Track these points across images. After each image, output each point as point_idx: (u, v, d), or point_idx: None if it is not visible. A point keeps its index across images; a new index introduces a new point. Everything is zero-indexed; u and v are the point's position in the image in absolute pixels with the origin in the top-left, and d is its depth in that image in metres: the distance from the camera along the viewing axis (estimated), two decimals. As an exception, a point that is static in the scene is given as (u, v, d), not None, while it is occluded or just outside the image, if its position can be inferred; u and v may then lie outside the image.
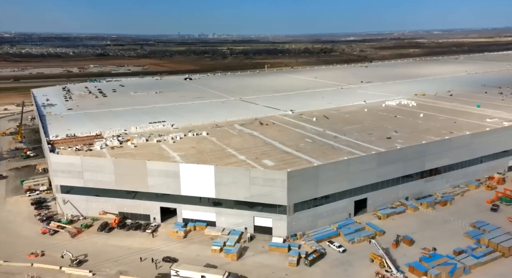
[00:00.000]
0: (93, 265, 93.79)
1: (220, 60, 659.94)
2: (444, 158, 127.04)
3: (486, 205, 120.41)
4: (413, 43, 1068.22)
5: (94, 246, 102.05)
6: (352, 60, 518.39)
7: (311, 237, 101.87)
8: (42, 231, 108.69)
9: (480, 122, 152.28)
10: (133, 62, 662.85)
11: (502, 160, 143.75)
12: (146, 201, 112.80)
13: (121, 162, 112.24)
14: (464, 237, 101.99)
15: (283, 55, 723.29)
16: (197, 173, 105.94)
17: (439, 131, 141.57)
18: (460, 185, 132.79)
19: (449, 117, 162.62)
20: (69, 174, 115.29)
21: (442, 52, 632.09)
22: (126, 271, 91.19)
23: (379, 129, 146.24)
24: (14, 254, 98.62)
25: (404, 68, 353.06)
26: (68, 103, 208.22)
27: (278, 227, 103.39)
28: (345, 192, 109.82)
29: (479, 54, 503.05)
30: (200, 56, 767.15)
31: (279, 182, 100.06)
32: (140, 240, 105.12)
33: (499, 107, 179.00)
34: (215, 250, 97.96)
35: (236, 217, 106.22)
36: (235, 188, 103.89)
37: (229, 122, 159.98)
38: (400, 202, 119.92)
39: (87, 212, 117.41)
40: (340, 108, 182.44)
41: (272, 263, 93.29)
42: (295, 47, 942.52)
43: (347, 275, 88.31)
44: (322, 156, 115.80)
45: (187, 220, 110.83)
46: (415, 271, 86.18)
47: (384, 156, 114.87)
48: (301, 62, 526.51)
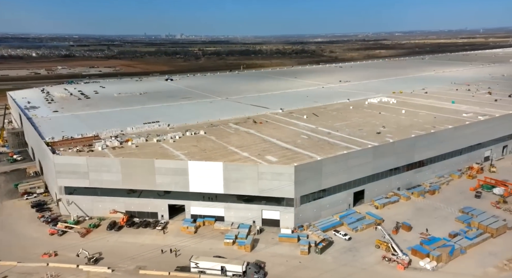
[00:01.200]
0: (109, 263, 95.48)
1: (194, 61, 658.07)
2: (431, 150, 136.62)
3: (470, 192, 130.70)
4: (378, 44, 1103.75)
5: (106, 245, 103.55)
6: (324, 61, 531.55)
7: (317, 227, 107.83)
8: (50, 232, 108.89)
9: (458, 117, 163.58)
10: (103, 63, 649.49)
11: (479, 151, 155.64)
12: (153, 199, 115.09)
13: (128, 161, 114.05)
14: (455, 222, 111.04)
15: (256, 56, 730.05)
16: (206, 170, 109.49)
17: (422, 125, 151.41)
18: (444, 175, 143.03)
19: (429, 112, 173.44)
20: (74, 175, 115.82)
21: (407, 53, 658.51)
22: (144, 266, 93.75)
23: (367, 125, 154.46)
24: (26, 255, 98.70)
25: (376, 68, 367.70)
26: (52, 105, 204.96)
27: (285, 219, 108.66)
28: (345, 184, 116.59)
29: (442, 55, 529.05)
30: (172, 57, 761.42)
31: (287, 176, 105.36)
32: (152, 237, 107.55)
33: (471, 103, 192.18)
34: (228, 243, 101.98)
35: (245, 211, 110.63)
36: (244, 183, 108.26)
37: (223, 121, 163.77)
38: (393, 192, 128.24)
39: (92, 213, 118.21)
40: (327, 106, 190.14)
41: (284, 252, 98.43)
42: (267, 48, 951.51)
43: (356, 260, 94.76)
44: (321, 151, 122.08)
45: (195, 216, 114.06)
46: (417, 254, 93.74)
47: (379, 149, 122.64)
48: (276, 63, 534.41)
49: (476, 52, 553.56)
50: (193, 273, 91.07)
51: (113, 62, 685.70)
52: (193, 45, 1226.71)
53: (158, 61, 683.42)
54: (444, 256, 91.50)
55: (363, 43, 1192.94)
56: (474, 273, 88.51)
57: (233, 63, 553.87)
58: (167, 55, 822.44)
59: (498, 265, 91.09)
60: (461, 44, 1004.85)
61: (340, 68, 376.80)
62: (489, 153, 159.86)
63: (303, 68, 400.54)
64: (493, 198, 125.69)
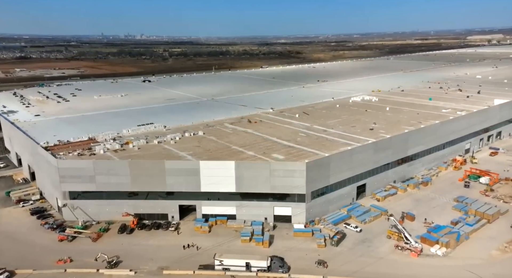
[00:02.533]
0: (129, 265, 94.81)
1: (161, 62, 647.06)
2: (421, 144, 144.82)
3: (459, 183, 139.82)
4: (341, 45, 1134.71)
5: (121, 248, 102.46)
6: (293, 62, 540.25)
7: (328, 221, 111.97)
8: (60, 238, 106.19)
9: (438, 113, 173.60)
10: (64, 65, 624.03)
11: (460, 144, 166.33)
12: (163, 200, 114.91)
13: (138, 163, 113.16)
14: (452, 210, 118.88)
15: (224, 57, 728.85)
16: (218, 169, 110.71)
17: (408, 121, 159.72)
18: (432, 167, 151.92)
19: (411, 109, 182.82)
20: (79, 179, 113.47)
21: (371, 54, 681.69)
22: (167, 267, 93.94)
23: (358, 122, 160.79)
24: (39, 263, 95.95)
25: (349, 68, 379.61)
26: (31, 109, 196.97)
27: (297, 215, 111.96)
28: (349, 179, 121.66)
29: (404, 55, 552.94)
30: (138, 58, 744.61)
31: (299, 172, 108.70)
32: (167, 238, 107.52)
33: (446, 100, 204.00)
34: (245, 240, 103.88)
35: (257, 209, 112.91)
36: (256, 181, 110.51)
37: (218, 121, 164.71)
38: (391, 185, 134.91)
39: (98, 217, 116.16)
40: (314, 105, 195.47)
41: (301, 246, 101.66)
42: (234, 49, 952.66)
43: (371, 250, 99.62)
44: (323, 147, 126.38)
45: (207, 215, 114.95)
46: (427, 241, 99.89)
47: (379, 144, 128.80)
48: (247, 64, 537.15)
49: (435, 53, 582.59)
50: (217, 270, 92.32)
51: (75, 63, 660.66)
52: (156, 45, 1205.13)
53: (123, 62, 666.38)
54: (452, 242, 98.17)
55: (326, 44, 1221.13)
56: (481, 256, 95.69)
57: (203, 64, 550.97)
58: (132, 56, 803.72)
59: (500, 248, 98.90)
60: (416, 45, 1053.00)
61: (313, 69, 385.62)
62: (468, 146, 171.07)
63: (278, 68, 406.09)
64: (481, 187, 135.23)
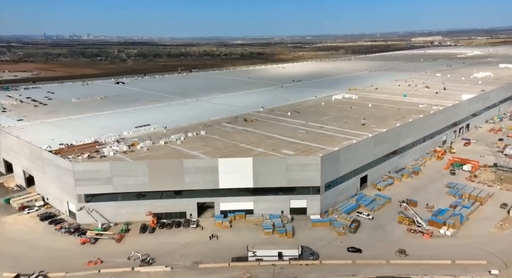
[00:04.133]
0: (163, 262, 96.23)
1: (120, 63, 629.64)
2: (410, 137, 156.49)
3: (445, 171, 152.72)
4: (298, 46, 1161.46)
5: (148, 246, 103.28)
6: (256, 63, 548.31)
7: (341, 211, 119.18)
8: (82, 241, 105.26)
9: (416, 108, 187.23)
10: (13, 67, 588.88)
11: (439, 136, 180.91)
12: (181, 199, 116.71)
13: (156, 163, 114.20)
14: (447, 195, 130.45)
15: (185, 58, 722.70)
16: (236, 166, 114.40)
17: (394, 116, 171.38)
18: (418, 158, 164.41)
19: (391, 105, 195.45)
20: (96, 182, 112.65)
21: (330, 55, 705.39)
22: (200, 261, 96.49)
23: (348, 118, 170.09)
24: (67, 266, 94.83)
25: (317, 68, 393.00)
26: (10, 114, 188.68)
27: (312, 206, 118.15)
28: (354, 170, 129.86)
29: (362, 55, 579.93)
30: (93, 59, 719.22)
31: (314, 166, 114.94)
32: (190, 234, 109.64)
33: (418, 96, 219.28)
34: (268, 233, 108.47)
35: (273, 203, 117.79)
36: (273, 176, 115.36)
37: (214, 121, 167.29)
38: (387, 175, 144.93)
39: (115, 219, 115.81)
40: (301, 103, 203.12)
41: (322, 235, 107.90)
42: (193, 50, 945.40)
43: (387, 235, 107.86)
44: (326, 142, 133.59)
45: (225, 211, 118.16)
46: (435, 224, 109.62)
47: (377, 138, 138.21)
48: (210, 64, 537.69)
49: (390, 54, 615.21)
50: (251, 261, 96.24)
51: (25, 65, 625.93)
52: (108, 46, 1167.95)
53: (78, 64, 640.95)
54: (457, 223, 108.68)
55: (283, 45, 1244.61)
56: (483, 234, 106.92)
57: (167, 65, 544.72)
58: (86, 57, 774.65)
59: (496, 225, 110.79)
60: (368, 46, 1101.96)
61: (283, 69, 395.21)
62: (445, 137, 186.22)
63: (248, 69, 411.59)
64: (465, 174, 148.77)
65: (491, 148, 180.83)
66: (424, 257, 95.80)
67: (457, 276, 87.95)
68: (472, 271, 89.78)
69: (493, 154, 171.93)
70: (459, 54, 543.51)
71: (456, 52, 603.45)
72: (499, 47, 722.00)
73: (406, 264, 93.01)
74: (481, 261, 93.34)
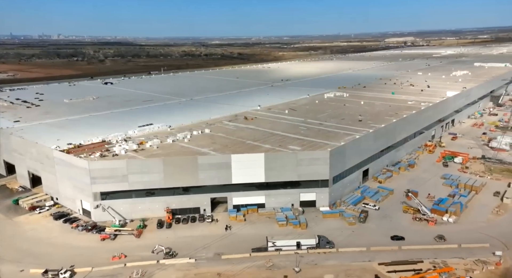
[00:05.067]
0: (186, 254, 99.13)
1: (98, 63, 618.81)
2: (405, 132, 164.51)
3: (438, 163, 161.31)
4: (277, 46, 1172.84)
5: (168, 241, 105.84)
6: (238, 63, 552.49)
7: (348, 203, 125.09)
8: (102, 237, 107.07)
9: (406, 105, 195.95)
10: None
11: (429, 131, 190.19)
12: (195, 194, 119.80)
13: (171, 160, 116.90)
14: (444, 186, 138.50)
15: (165, 58, 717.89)
16: (248, 161, 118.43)
17: (386, 112, 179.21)
18: (412, 152, 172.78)
19: (382, 102, 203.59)
20: (112, 179, 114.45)
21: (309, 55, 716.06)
22: (222, 253, 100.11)
23: (344, 115, 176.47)
24: (91, 261, 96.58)
25: (303, 67, 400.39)
26: (5, 115, 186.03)
27: (321, 199, 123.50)
28: (358, 164, 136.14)
29: (342, 55, 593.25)
30: (69, 59, 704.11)
31: (323, 160, 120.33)
32: (208, 228, 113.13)
33: (405, 93, 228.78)
34: (282, 225, 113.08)
35: (284, 196, 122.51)
36: (283, 170, 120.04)
37: (215, 120, 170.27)
38: (385, 168, 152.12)
39: (130, 215, 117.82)
40: (295, 102, 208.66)
41: (334, 226, 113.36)
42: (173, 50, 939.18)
43: (394, 224, 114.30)
44: (329, 138, 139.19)
45: (237, 206, 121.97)
46: (437, 212, 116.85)
47: (377, 133, 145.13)
48: (192, 65, 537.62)
49: (369, 54, 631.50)
50: (270, 251, 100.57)
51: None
52: (81, 46, 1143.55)
53: (54, 65, 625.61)
54: (457, 211, 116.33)
55: (262, 46, 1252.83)
56: (482, 220, 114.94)
57: (148, 66, 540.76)
58: (61, 57, 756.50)
59: (493, 212, 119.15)
60: (346, 46, 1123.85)
61: (269, 68, 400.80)
62: (433, 132, 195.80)
63: (234, 69, 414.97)
64: (456, 166, 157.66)
65: (477, 141, 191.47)
66: (433, 243, 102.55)
67: (465, 258, 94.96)
68: (478, 254, 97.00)
69: (480, 147, 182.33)
70: (435, 54, 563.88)
71: (431, 52, 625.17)
72: (469, 47, 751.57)
73: (418, 249, 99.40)
74: (484, 244, 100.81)
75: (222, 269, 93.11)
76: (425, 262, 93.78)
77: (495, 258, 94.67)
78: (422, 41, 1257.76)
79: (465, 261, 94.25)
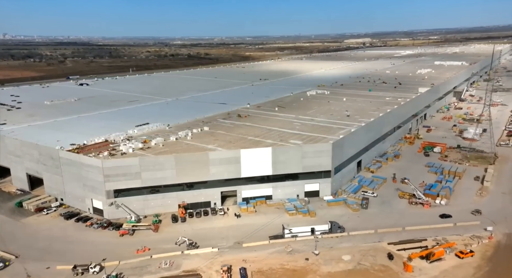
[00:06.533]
0: (208, 245, 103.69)
1: (59, 64, 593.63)
2: (389, 125, 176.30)
3: (419, 153, 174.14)
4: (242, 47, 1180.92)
5: (186, 233, 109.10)
6: (208, 63, 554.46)
7: (348, 192, 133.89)
8: (121, 233, 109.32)
9: (384, 100, 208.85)
10: None
11: (407, 125, 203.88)
12: (206, 189, 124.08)
13: (183, 156, 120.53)
14: (429, 173, 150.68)
15: (130, 58, 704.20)
16: (256, 155, 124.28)
17: (369, 108, 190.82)
18: (395, 144, 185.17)
19: (363, 99, 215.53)
20: (124, 177, 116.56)
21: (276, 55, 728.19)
22: (242, 241, 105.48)
23: (332, 111, 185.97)
24: (116, 256, 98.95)
25: (275, 67, 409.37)
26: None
27: (323, 189, 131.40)
28: (353, 156, 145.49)
29: (309, 55, 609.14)
30: (26, 61, 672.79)
31: (326, 152, 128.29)
32: (222, 220, 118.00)
33: (381, 90, 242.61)
34: (292, 214, 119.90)
35: (290, 188, 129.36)
36: (289, 163, 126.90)
37: (210, 118, 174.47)
38: (375, 159, 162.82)
39: (143, 212, 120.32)
40: (281, 99, 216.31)
41: (340, 213, 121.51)
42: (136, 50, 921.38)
43: (393, 208, 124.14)
44: (325, 132, 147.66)
45: (246, 198, 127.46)
46: (429, 196, 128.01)
47: (368, 126, 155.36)
48: (161, 65, 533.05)
49: (336, 54, 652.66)
50: (287, 238, 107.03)
51: None
52: (34, 46, 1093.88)
53: (10, 66, 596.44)
54: (447, 195, 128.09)
55: (226, 46, 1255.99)
56: (469, 201, 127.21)
57: (114, 66, 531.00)
58: (15, 58, 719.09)
59: (477, 194, 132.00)
60: (309, 46, 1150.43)
61: (243, 68, 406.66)
62: (410, 125, 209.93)
63: (208, 69, 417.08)
64: (436, 155, 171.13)
65: (449, 133, 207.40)
66: (431, 223, 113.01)
67: (462, 235, 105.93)
68: (472, 230, 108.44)
69: (453, 137, 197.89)
70: (395, 54, 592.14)
71: (391, 52, 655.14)
72: (425, 47, 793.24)
73: (420, 229, 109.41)
74: (476, 222, 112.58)
75: (246, 256, 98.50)
76: (429, 240, 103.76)
77: (487, 233, 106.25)
78: (379, 42, 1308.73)
79: (463, 237, 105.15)
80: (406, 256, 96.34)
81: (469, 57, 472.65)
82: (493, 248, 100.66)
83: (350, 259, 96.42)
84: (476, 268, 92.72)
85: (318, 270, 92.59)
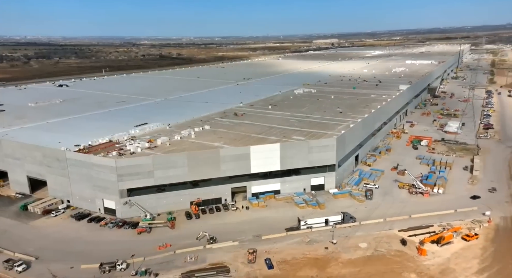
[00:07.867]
0: (226, 239, 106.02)
1: (24, 66, 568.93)
2: (380, 121, 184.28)
3: (408, 147, 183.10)
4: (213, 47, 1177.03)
5: (203, 229, 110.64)
6: (181, 63, 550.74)
7: (351, 184, 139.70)
8: (139, 231, 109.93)
9: (370, 98, 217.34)
10: None
11: (393, 120, 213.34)
12: (217, 185, 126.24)
13: (195, 154, 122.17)
14: (422, 165, 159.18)
15: (98, 59, 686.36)
16: (265, 152, 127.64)
17: (359, 104, 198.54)
18: (384, 139, 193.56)
19: (350, 96, 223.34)
20: (137, 176, 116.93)
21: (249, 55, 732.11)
22: (260, 234, 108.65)
23: (324, 108, 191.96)
24: (138, 253, 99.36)
25: (255, 66, 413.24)
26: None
27: (328, 182, 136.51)
28: (352, 150, 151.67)
29: (285, 55, 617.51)
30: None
31: (330, 147, 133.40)
32: (235, 215, 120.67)
33: (364, 88, 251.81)
34: (302, 207, 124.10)
35: (297, 182, 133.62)
36: (297, 158, 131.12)
37: (207, 117, 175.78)
38: (369, 153, 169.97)
39: (156, 210, 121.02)
40: (272, 98, 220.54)
41: (347, 204, 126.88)
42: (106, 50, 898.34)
43: (395, 198, 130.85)
44: (324, 128, 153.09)
45: (256, 194, 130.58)
46: (427, 185, 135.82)
47: (364, 122, 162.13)
48: (133, 66, 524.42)
49: (310, 53, 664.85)
50: (302, 230, 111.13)
51: None
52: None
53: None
54: (443, 184, 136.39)
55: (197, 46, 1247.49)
56: (463, 189, 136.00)
57: (84, 67, 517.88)
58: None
59: (468, 182, 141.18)
60: (279, 46, 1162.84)
61: (223, 68, 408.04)
62: (395, 121, 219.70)
63: (187, 69, 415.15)
64: (424, 148, 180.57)
65: (431, 127, 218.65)
66: (433, 210, 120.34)
67: (463, 220, 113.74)
68: (471, 215, 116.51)
69: (435, 131, 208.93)
70: (367, 54, 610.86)
71: (362, 52, 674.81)
72: (392, 47, 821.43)
73: (425, 216, 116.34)
74: (473, 208, 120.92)
75: (267, 247, 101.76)
76: (435, 226, 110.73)
77: (486, 217, 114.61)
78: (347, 43, 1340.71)
79: (465, 222, 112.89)
80: (418, 241, 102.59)
81: (436, 56, 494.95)
82: (494, 231, 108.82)
83: (367, 246, 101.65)
84: (482, 249, 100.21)
85: (340, 257, 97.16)
